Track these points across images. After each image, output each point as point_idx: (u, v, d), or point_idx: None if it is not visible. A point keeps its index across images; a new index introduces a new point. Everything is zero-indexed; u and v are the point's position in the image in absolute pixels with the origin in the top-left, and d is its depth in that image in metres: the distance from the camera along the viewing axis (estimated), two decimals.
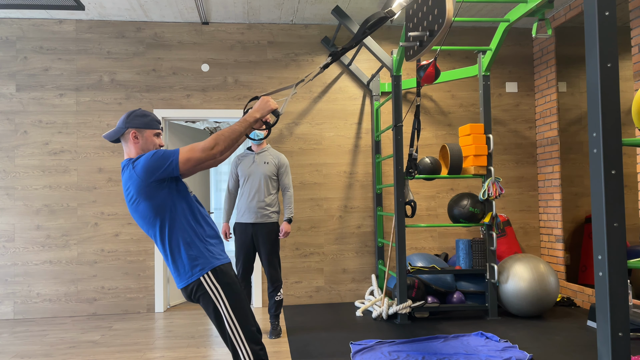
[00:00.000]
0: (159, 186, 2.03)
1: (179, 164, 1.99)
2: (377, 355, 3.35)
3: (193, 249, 2.06)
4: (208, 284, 2.05)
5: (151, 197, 2.03)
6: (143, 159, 2.03)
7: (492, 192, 4.29)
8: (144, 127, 2.16)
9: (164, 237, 2.07)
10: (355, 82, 5.31)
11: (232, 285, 2.08)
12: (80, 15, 4.91)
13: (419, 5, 2.90)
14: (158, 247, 2.11)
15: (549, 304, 4.26)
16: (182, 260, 2.06)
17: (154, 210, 2.04)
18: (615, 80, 1.49)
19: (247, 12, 4.92)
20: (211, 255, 2.08)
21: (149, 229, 2.09)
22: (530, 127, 5.46)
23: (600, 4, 1.49)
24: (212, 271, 2.06)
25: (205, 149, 1.99)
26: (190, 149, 2.00)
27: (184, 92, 5.10)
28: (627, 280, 1.47)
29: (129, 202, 2.09)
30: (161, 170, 2.00)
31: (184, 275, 2.06)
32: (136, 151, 2.14)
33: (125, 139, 2.16)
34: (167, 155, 2.01)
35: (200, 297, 2.06)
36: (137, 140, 2.14)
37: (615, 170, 1.47)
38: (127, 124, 2.15)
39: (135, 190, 2.04)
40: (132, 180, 2.04)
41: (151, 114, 2.20)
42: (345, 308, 4.89)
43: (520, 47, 5.49)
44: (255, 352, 2.05)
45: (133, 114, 2.17)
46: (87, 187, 4.94)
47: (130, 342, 3.92)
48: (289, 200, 4.08)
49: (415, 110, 3.71)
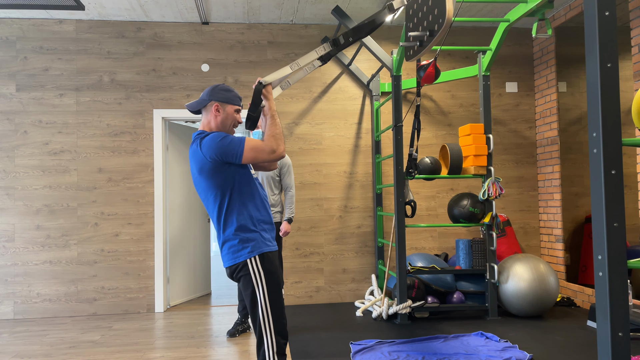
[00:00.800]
0: (222, 166, 2.09)
1: (242, 158, 2.06)
2: (377, 355, 3.35)
3: (246, 231, 2.11)
4: (253, 267, 2.09)
5: (214, 175, 2.09)
6: (210, 140, 2.08)
7: (492, 192, 4.29)
8: (227, 102, 2.22)
9: (220, 214, 2.12)
10: (355, 82, 5.31)
11: (275, 274, 2.13)
12: (80, 15, 4.91)
13: (419, 5, 2.90)
14: (213, 222, 2.16)
15: (549, 304, 4.26)
16: (234, 240, 2.11)
17: (215, 187, 2.10)
18: (615, 80, 1.49)
19: (247, 12, 4.92)
20: (262, 240, 2.13)
21: (207, 204, 2.15)
22: (530, 127, 5.46)
23: (600, 4, 1.49)
24: (259, 256, 2.10)
25: (272, 151, 2.07)
26: (257, 148, 2.06)
27: (184, 92, 5.10)
28: (627, 280, 1.47)
29: (193, 174, 2.16)
30: (224, 157, 2.07)
31: (233, 254, 2.11)
32: (215, 123, 2.21)
33: (207, 110, 2.23)
34: (234, 146, 2.06)
35: (242, 277, 2.11)
36: (218, 114, 2.21)
37: (615, 170, 1.47)
38: (211, 97, 2.21)
39: (199, 167, 2.11)
40: (197, 157, 2.10)
41: (234, 90, 2.27)
42: (345, 308, 4.89)
43: (520, 47, 5.49)
44: (279, 344, 2.09)
45: (218, 87, 2.23)
46: (87, 187, 4.94)
47: (130, 342, 3.92)
48: (290, 200, 4.07)
49: (415, 110, 3.71)
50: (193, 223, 5.57)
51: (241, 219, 2.10)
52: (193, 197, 5.60)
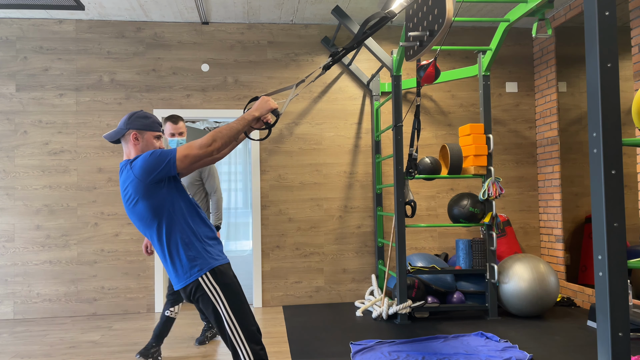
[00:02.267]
0: (157, 186, 2.02)
1: (176, 162, 1.99)
2: (377, 355, 3.35)
3: (191, 250, 2.05)
4: (207, 284, 2.04)
5: (149, 197, 2.02)
6: (141, 159, 2.03)
7: (492, 192, 4.29)
8: (145, 129, 2.16)
9: (161, 238, 2.06)
10: (355, 82, 5.31)
11: (231, 286, 2.07)
12: (80, 15, 4.91)
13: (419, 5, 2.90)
14: (155, 248, 2.10)
15: (549, 304, 4.26)
16: (181, 261, 2.05)
17: (152, 210, 2.03)
18: (615, 80, 1.49)
19: (247, 12, 4.92)
20: (209, 255, 2.07)
21: (146, 230, 2.08)
22: (530, 127, 5.46)
23: (600, 4, 1.49)
24: (210, 272, 2.05)
25: (203, 145, 1.98)
26: (188, 146, 2.00)
27: (184, 92, 5.10)
28: (627, 280, 1.47)
29: (126, 202, 2.08)
30: (159, 169, 2.00)
31: (183, 275, 2.05)
32: (136, 152, 2.15)
33: (125, 140, 2.16)
34: (165, 154, 2.00)
35: (199, 297, 2.06)
36: (137, 142, 2.15)
37: (615, 170, 1.47)
38: (128, 125, 2.15)
39: (134, 190, 2.03)
40: (130, 181, 2.03)
41: (153, 116, 2.20)
42: (345, 308, 4.89)
43: (520, 47, 5.49)
44: (255, 352, 2.04)
45: (135, 115, 2.17)
46: (87, 187, 4.94)
47: (130, 342, 3.92)
48: (215, 206, 3.77)
49: (415, 110, 3.71)
50: None
51: (185, 237, 2.04)
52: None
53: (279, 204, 5.16)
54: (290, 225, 5.16)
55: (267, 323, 4.42)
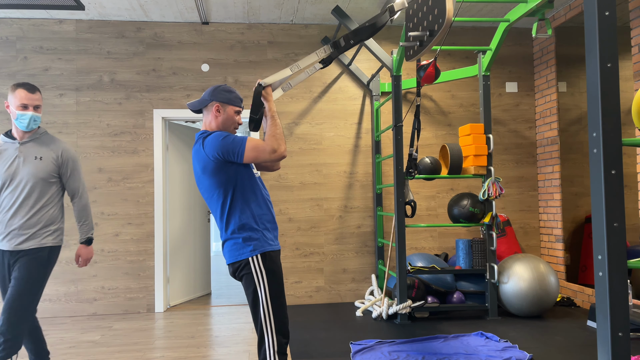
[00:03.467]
0: (225, 165, 2.10)
1: (244, 157, 2.07)
2: (377, 355, 3.35)
3: (249, 229, 2.12)
4: (255, 266, 2.10)
5: (216, 174, 2.10)
6: (213, 139, 2.10)
7: (492, 192, 4.29)
8: (228, 103, 2.23)
9: (223, 213, 2.13)
10: (355, 82, 5.31)
11: (277, 274, 2.13)
12: (80, 15, 4.91)
13: (419, 5, 2.90)
14: (216, 221, 2.18)
15: (549, 304, 4.26)
16: (237, 238, 2.12)
17: (218, 186, 2.11)
18: (615, 80, 1.49)
19: (247, 12, 4.92)
20: (265, 239, 2.14)
21: (210, 203, 2.16)
22: (530, 127, 5.46)
23: (600, 4, 1.49)
24: (262, 254, 2.11)
25: (272, 151, 2.07)
26: (259, 149, 2.07)
27: (184, 92, 5.10)
28: (627, 280, 1.47)
29: (195, 174, 2.17)
30: (226, 156, 2.08)
31: (236, 252, 2.12)
32: (216, 124, 2.23)
33: (208, 110, 2.25)
34: (236, 143, 2.07)
35: (244, 276, 2.12)
36: (218, 114, 2.23)
37: (615, 170, 1.47)
38: (212, 97, 2.22)
39: (202, 167, 2.12)
40: (200, 156, 2.12)
41: (235, 92, 2.27)
42: (345, 308, 4.89)
43: (520, 47, 5.49)
44: (280, 343, 2.10)
45: (219, 88, 2.24)
46: (87, 187, 4.94)
47: (130, 342, 3.92)
48: (84, 212, 2.84)
49: (415, 110, 3.71)
50: (193, 223, 5.57)
51: (244, 218, 2.12)
52: (193, 197, 5.60)
53: (279, 204, 5.16)
54: (290, 225, 5.16)
55: None
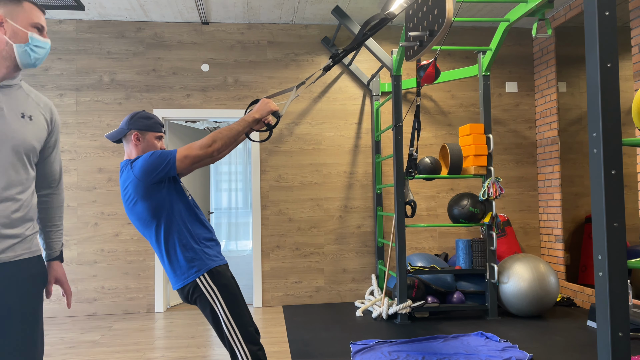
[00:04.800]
0: (157, 187, 2.03)
1: (176, 162, 2.00)
2: (377, 355, 3.35)
3: (189, 251, 2.06)
4: (204, 285, 2.05)
5: (149, 197, 2.03)
6: (141, 160, 2.03)
7: (492, 192, 4.29)
8: (147, 130, 2.17)
9: (159, 238, 2.07)
10: (355, 82, 5.31)
11: (229, 287, 2.08)
12: (80, 15, 4.91)
13: (419, 5, 2.90)
14: (154, 248, 2.11)
15: (549, 304, 4.26)
16: (179, 262, 2.06)
17: (152, 211, 2.04)
18: (615, 80, 1.49)
19: (247, 12, 4.92)
20: (207, 257, 2.08)
21: (145, 230, 2.09)
22: (530, 127, 5.46)
23: (600, 4, 1.49)
24: (208, 273, 2.05)
25: (203, 146, 1.99)
26: (188, 147, 2.01)
27: (184, 92, 5.10)
28: (627, 280, 1.47)
29: (126, 202, 2.09)
30: (159, 170, 2.01)
31: (181, 276, 2.07)
32: (137, 153, 2.16)
33: (127, 140, 2.17)
34: (165, 155, 2.01)
35: (197, 298, 2.07)
36: (138, 142, 2.16)
37: (615, 170, 1.47)
38: (129, 126, 2.15)
39: (133, 191, 2.04)
40: (130, 181, 2.04)
41: (155, 117, 2.21)
42: (345, 308, 4.89)
43: (520, 47, 5.49)
44: (253, 352, 2.04)
45: (137, 115, 2.17)
46: (87, 187, 4.94)
47: (130, 342, 3.92)
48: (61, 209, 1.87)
49: (415, 110, 3.71)
50: None
51: (183, 238, 2.06)
52: (193, 196, 5.59)
53: (279, 204, 5.16)
54: (290, 225, 5.16)
55: (267, 323, 4.42)
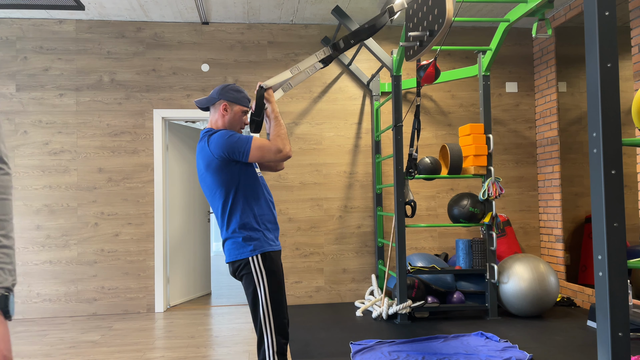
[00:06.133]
0: (229, 164, 2.11)
1: (249, 156, 2.08)
2: (377, 355, 3.35)
3: (250, 229, 2.12)
4: (255, 265, 2.10)
5: (220, 172, 2.11)
6: (218, 137, 2.10)
7: (492, 192, 4.29)
8: (235, 102, 2.24)
9: (225, 211, 2.14)
10: (355, 82, 5.31)
11: (277, 274, 2.14)
12: (80, 15, 4.91)
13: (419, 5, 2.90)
14: (217, 218, 2.18)
15: (549, 304, 4.26)
16: (237, 237, 2.12)
17: (220, 184, 2.12)
18: (615, 80, 1.49)
19: (247, 12, 4.92)
20: (265, 239, 2.14)
21: (212, 200, 2.16)
22: (530, 127, 5.46)
23: (600, 4, 1.49)
24: (262, 255, 2.11)
25: (278, 151, 2.09)
26: (264, 148, 2.08)
27: (184, 92, 5.10)
28: (627, 280, 1.47)
29: (199, 171, 2.18)
30: (232, 154, 2.09)
31: (235, 251, 2.13)
32: (222, 122, 2.23)
33: (215, 108, 2.25)
34: (241, 143, 2.08)
35: (244, 276, 2.13)
36: (225, 113, 2.23)
37: (615, 170, 1.47)
38: (220, 95, 2.23)
39: (205, 164, 2.13)
40: (204, 153, 2.13)
41: (244, 91, 2.27)
42: (345, 308, 4.89)
43: (520, 47, 5.49)
44: (280, 344, 2.10)
45: (228, 87, 2.25)
46: (87, 187, 4.94)
47: (130, 342, 3.92)
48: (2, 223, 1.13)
49: (415, 110, 3.71)
50: (193, 223, 5.57)
51: (245, 217, 2.12)
52: (193, 197, 5.59)
53: (279, 204, 5.16)
54: (290, 225, 5.16)
55: None
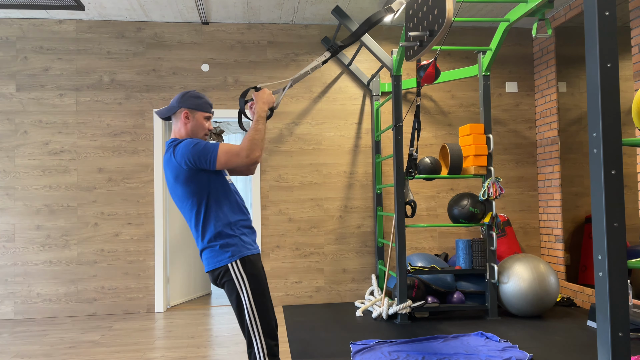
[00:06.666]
0: (197, 173, 2.08)
1: (216, 163, 2.04)
2: (377, 355, 3.35)
3: (226, 236, 2.09)
4: (235, 271, 2.08)
5: (189, 181, 2.08)
6: (183, 147, 2.07)
7: (492, 192, 4.29)
8: (197, 109, 2.19)
9: (198, 221, 2.11)
10: (355, 82, 5.31)
11: (258, 277, 2.11)
12: (80, 15, 4.91)
13: (419, 5, 2.90)
14: (191, 229, 2.15)
15: (549, 304, 4.26)
16: (214, 245, 2.09)
17: (191, 194, 2.09)
18: (615, 80, 1.49)
19: (247, 12, 4.92)
20: (243, 244, 2.11)
21: (184, 211, 2.14)
22: (530, 127, 5.46)
23: (600, 4, 1.49)
24: (241, 260, 2.09)
25: (245, 155, 2.02)
26: (231, 153, 2.02)
27: None
28: (627, 280, 1.47)
29: (168, 182, 2.15)
30: (198, 163, 2.05)
31: (213, 259, 2.10)
32: (185, 131, 2.19)
33: (176, 117, 2.20)
34: (208, 150, 2.04)
35: (225, 283, 2.10)
36: (187, 121, 2.18)
37: (615, 170, 1.47)
38: (180, 104, 2.18)
39: (174, 175, 2.09)
40: (171, 164, 2.09)
41: (205, 97, 2.23)
42: (345, 308, 4.89)
43: (520, 47, 5.49)
44: (270, 346, 2.08)
45: (188, 94, 2.20)
46: (87, 187, 4.94)
47: (130, 342, 3.92)
48: None
49: (415, 110, 3.71)
50: None
51: (219, 225, 2.08)
52: None
53: (279, 204, 5.16)
54: (290, 225, 5.16)
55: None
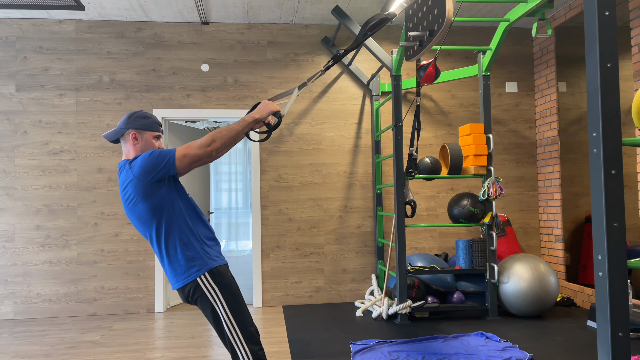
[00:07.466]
0: (156, 186, 2.02)
1: (175, 162, 1.99)
2: (377, 355, 3.35)
3: (190, 250, 2.04)
4: (205, 285, 2.03)
5: (149, 197, 2.02)
6: (140, 159, 2.02)
7: (492, 192, 4.29)
8: (144, 129, 2.15)
9: (160, 238, 2.05)
10: (355, 82, 5.31)
11: (230, 286, 2.07)
12: (80, 15, 4.91)
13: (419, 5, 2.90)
14: (153, 248, 2.09)
15: (549, 304, 4.26)
16: (179, 261, 2.04)
17: (152, 210, 2.03)
18: (615, 80, 1.49)
19: (247, 12, 4.91)
20: (208, 256, 2.07)
21: (145, 230, 2.07)
22: (530, 127, 5.46)
23: (600, 4, 1.49)
24: (209, 272, 2.04)
25: (202, 146, 1.99)
26: (187, 146, 2.00)
27: (184, 92, 5.10)
28: (627, 280, 1.47)
29: (125, 202, 2.07)
30: (158, 169, 2.00)
31: (181, 276, 2.05)
32: (135, 152, 2.14)
33: (125, 139, 2.16)
34: (164, 154, 2.00)
35: (197, 298, 2.05)
36: (136, 142, 2.14)
37: (615, 170, 1.47)
38: (127, 125, 2.14)
39: (133, 191, 2.02)
40: (130, 181, 2.03)
41: (152, 116, 2.20)
42: (345, 308, 4.89)
43: (520, 47, 5.49)
44: (254, 352, 2.04)
45: (134, 115, 2.16)
46: (87, 187, 4.94)
47: (130, 342, 3.92)
48: None
49: (415, 110, 3.71)
50: None
51: (183, 237, 2.04)
52: (192, 197, 5.59)
53: (279, 204, 5.16)
54: (290, 225, 5.16)
55: (267, 323, 4.42)
